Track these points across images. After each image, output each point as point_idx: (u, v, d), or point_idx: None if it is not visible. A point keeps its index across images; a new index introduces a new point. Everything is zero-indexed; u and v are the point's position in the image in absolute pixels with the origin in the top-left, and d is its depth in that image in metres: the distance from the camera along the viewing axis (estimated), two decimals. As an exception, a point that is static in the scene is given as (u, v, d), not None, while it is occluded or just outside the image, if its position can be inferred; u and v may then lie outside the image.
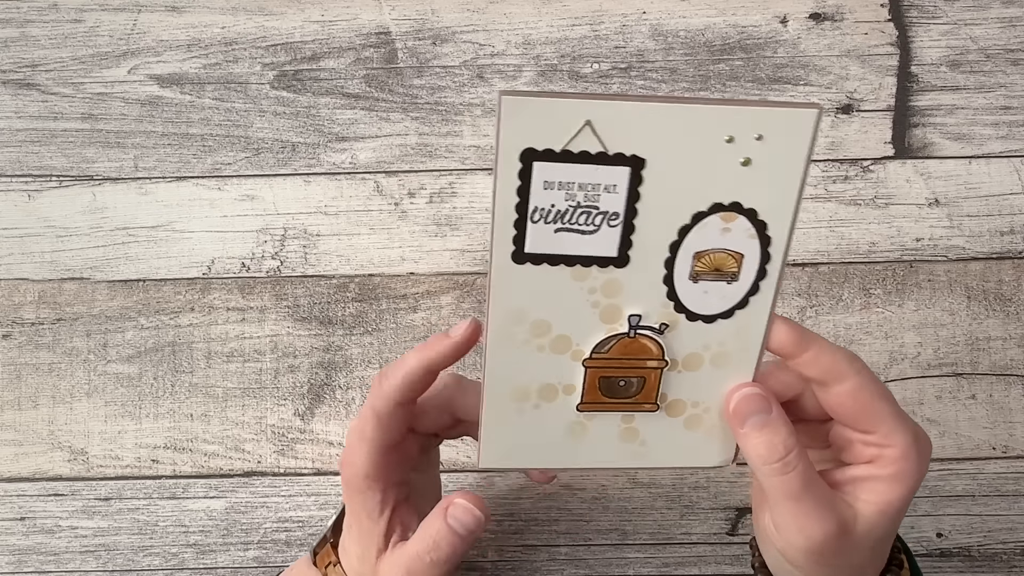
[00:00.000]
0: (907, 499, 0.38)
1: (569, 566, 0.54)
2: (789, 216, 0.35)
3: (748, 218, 0.35)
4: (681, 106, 0.33)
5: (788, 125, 0.34)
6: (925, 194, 0.56)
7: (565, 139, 0.33)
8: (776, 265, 0.36)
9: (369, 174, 0.57)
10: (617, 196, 0.34)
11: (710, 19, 0.57)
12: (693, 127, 0.33)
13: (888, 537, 0.40)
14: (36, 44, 0.58)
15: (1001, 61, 0.57)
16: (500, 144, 0.33)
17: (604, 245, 0.35)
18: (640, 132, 0.33)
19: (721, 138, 0.34)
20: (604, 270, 0.36)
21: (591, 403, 0.39)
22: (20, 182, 0.57)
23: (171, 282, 0.56)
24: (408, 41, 0.57)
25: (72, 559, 0.55)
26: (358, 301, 0.56)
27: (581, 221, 0.35)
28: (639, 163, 0.34)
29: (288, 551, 0.55)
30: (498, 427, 0.39)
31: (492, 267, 0.35)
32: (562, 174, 0.34)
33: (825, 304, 0.56)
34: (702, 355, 0.38)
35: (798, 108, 0.33)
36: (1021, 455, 0.55)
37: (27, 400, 0.56)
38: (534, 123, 0.33)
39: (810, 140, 0.34)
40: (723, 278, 0.37)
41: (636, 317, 0.37)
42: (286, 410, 0.55)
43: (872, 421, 0.38)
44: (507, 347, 0.37)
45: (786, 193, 0.35)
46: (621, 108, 0.33)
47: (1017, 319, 0.56)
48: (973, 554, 0.54)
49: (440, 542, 0.41)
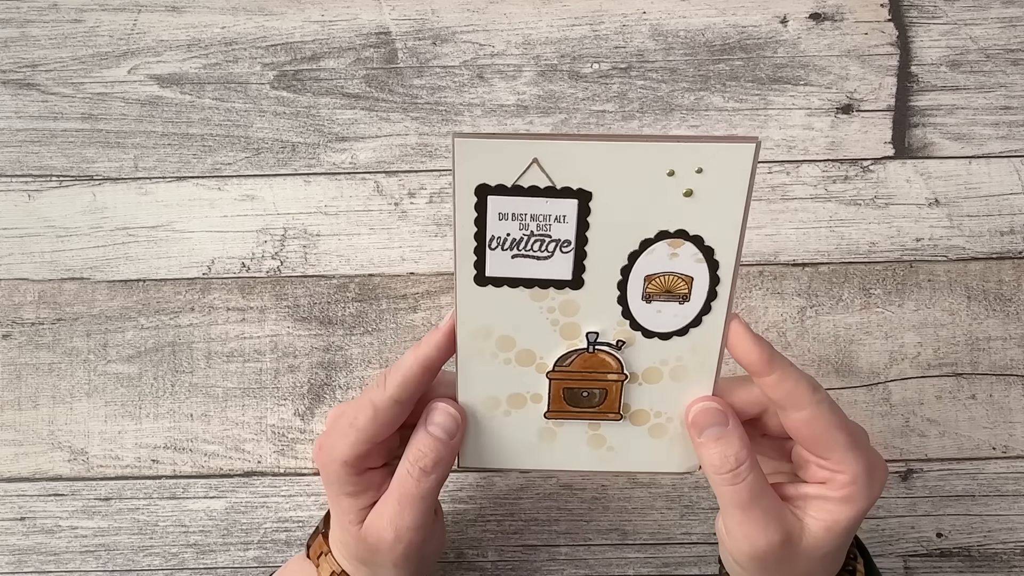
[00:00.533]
0: (855, 520, 0.40)
1: (569, 566, 0.54)
2: (734, 242, 0.37)
3: (695, 244, 0.37)
4: (622, 144, 0.35)
5: (726, 159, 0.36)
6: (925, 194, 0.56)
7: (515, 175, 0.36)
8: (726, 287, 0.38)
9: (369, 174, 0.57)
10: (567, 225, 0.37)
11: (710, 19, 0.57)
12: (634, 162, 0.36)
13: (837, 551, 0.42)
14: (36, 44, 0.58)
15: (1001, 61, 0.57)
16: (456, 180, 0.36)
17: (559, 269, 0.38)
18: (585, 168, 0.36)
19: (663, 172, 0.36)
20: (561, 291, 0.39)
21: (557, 411, 0.42)
22: (20, 182, 0.57)
23: (171, 282, 0.56)
24: (408, 41, 0.57)
25: (72, 559, 0.55)
26: (358, 301, 0.56)
27: (535, 248, 0.37)
28: (586, 195, 0.36)
29: (288, 551, 0.55)
30: (474, 430, 0.42)
31: (457, 289, 0.38)
32: (514, 206, 0.36)
33: (825, 304, 0.56)
34: (660, 369, 0.41)
35: (735, 143, 0.35)
36: (1021, 455, 0.55)
37: (27, 400, 0.56)
38: (486, 161, 0.36)
39: (749, 172, 0.36)
40: (675, 299, 0.39)
41: (594, 334, 0.40)
42: (286, 410, 0.55)
43: (825, 449, 0.40)
44: (476, 360, 0.40)
45: (729, 221, 0.37)
46: (565, 147, 0.35)
47: (1017, 319, 0.56)
48: (973, 554, 0.54)
49: (425, 450, 0.41)
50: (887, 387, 0.55)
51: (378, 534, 0.42)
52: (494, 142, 0.35)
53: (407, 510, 0.41)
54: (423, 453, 0.41)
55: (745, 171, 0.36)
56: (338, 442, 0.42)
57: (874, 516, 0.55)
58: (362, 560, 0.43)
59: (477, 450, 0.43)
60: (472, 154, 0.36)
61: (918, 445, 0.55)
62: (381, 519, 0.42)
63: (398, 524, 0.41)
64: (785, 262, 0.56)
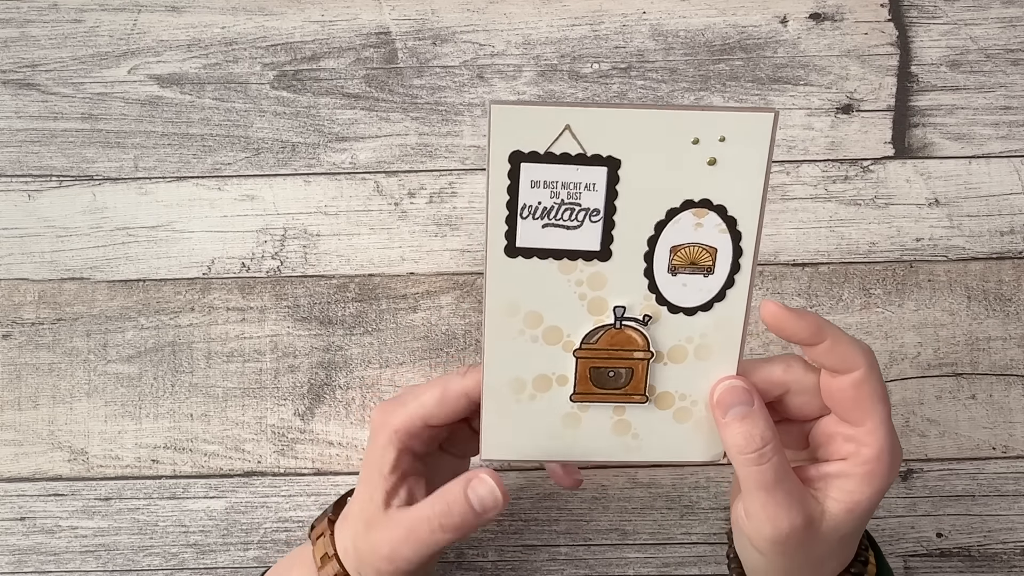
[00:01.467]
0: (874, 500, 0.40)
1: (569, 566, 0.54)
2: (756, 212, 0.38)
3: (718, 214, 0.38)
4: (649, 111, 0.37)
5: (748, 128, 0.37)
6: (925, 194, 0.56)
7: (548, 142, 0.37)
8: (748, 259, 0.39)
9: (369, 174, 0.57)
10: (597, 194, 0.38)
11: (710, 19, 0.57)
12: (662, 129, 0.37)
13: (853, 535, 0.42)
14: (36, 44, 0.58)
15: (1001, 61, 0.57)
16: (491, 148, 0.37)
17: (587, 239, 0.39)
18: (614, 135, 0.37)
19: (688, 139, 0.37)
20: (589, 263, 0.39)
21: (583, 393, 0.42)
22: (20, 182, 0.57)
23: (171, 282, 0.56)
24: (408, 41, 0.57)
25: (72, 559, 0.55)
26: (358, 301, 0.56)
27: (565, 217, 0.38)
28: (615, 163, 0.37)
29: (288, 551, 0.55)
30: (498, 418, 0.42)
31: (487, 261, 0.39)
32: (546, 174, 0.37)
33: (825, 304, 0.56)
34: (686, 347, 0.41)
35: (756, 112, 0.37)
36: (1021, 455, 0.55)
37: (27, 400, 0.56)
38: (520, 128, 0.37)
39: (769, 141, 0.37)
40: (699, 271, 0.40)
41: (621, 308, 0.40)
42: (286, 410, 0.55)
43: (863, 415, 0.39)
44: (503, 338, 0.40)
45: (751, 190, 0.38)
46: (596, 113, 0.37)
47: (1017, 319, 0.56)
48: (973, 554, 0.54)
49: (454, 510, 0.41)
50: (887, 387, 0.55)
51: (377, 545, 0.42)
52: (529, 108, 0.36)
53: (410, 546, 0.42)
54: (450, 512, 0.41)
55: (765, 141, 0.37)
56: (398, 409, 0.43)
57: (874, 516, 0.55)
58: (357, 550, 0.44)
59: (500, 441, 0.42)
60: (507, 120, 0.36)
61: (918, 445, 0.55)
62: (382, 534, 0.42)
63: (396, 550, 0.42)
64: (785, 262, 0.56)
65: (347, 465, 0.55)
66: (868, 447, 0.39)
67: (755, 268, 0.39)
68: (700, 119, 0.37)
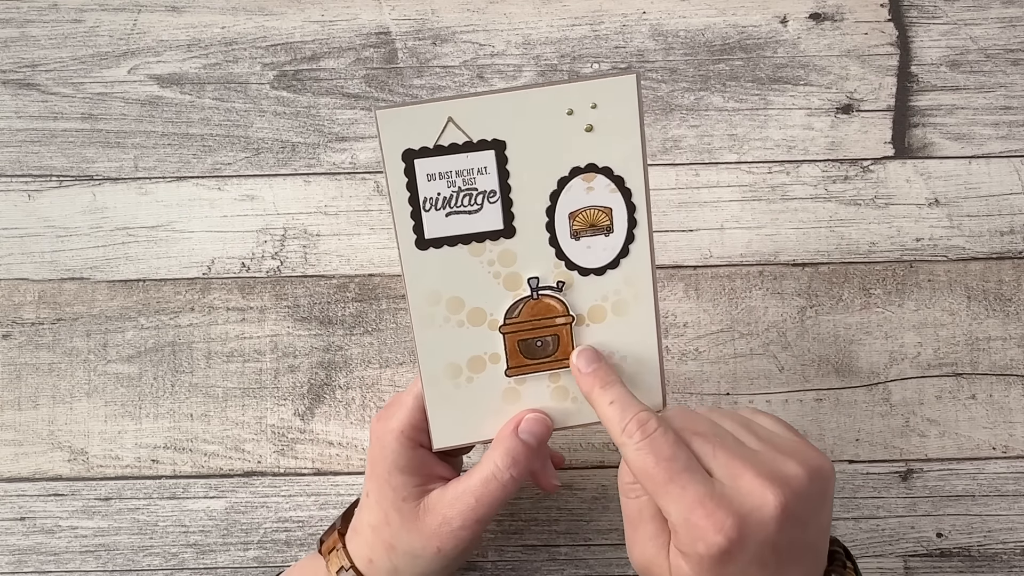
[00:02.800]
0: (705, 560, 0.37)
1: (569, 566, 0.54)
2: (640, 167, 0.41)
3: (605, 175, 0.41)
4: (522, 92, 0.40)
5: (615, 91, 0.40)
6: (925, 194, 0.56)
7: (435, 136, 0.40)
8: (643, 213, 0.42)
9: (369, 174, 0.57)
10: (490, 176, 0.41)
11: (710, 19, 0.57)
12: (537, 107, 0.40)
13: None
14: (36, 44, 0.58)
15: (1001, 61, 0.57)
16: (383, 150, 0.40)
17: (490, 220, 0.41)
18: (495, 119, 0.40)
19: (562, 112, 0.40)
20: (496, 243, 0.42)
21: (517, 367, 0.44)
22: (20, 182, 0.57)
23: (171, 282, 0.56)
24: (408, 41, 0.57)
25: (72, 559, 0.55)
26: (358, 301, 0.56)
27: (465, 203, 0.41)
28: (501, 145, 0.40)
29: (288, 551, 0.55)
30: (441, 407, 0.44)
31: (401, 257, 0.41)
32: (440, 166, 0.40)
33: (825, 304, 0.56)
34: (603, 306, 0.43)
35: (619, 76, 0.40)
36: (1021, 455, 0.55)
37: (27, 400, 0.56)
38: (407, 127, 0.40)
39: (636, 100, 0.40)
40: (600, 232, 0.42)
41: (535, 279, 0.43)
42: (286, 410, 0.55)
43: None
44: (431, 328, 0.42)
45: (631, 148, 0.41)
46: (474, 102, 0.40)
47: (1017, 319, 0.56)
48: (973, 554, 0.54)
49: (517, 457, 0.43)
50: (887, 387, 0.55)
51: (444, 520, 0.43)
52: (412, 108, 0.39)
53: (483, 508, 0.43)
54: (515, 460, 0.43)
55: (632, 100, 0.40)
56: (397, 411, 0.44)
57: (874, 516, 0.55)
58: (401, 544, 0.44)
59: (448, 428, 0.44)
60: (394, 122, 0.39)
61: (918, 445, 0.55)
62: (452, 508, 0.43)
63: (467, 517, 0.43)
64: (785, 262, 0.56)
65: (347, 465, 0.55)
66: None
67: (651, 220, 0.42)
68: (570, 91, 0.40)
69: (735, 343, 0.55)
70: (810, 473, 0.38)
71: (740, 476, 0.37)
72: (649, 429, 0.38)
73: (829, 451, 0.55)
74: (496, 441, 0.43)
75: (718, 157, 0.56)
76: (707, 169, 0.56)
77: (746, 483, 0.37)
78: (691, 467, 0.37)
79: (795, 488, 0.37)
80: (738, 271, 0.56)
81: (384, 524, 0.44)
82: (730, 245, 0.56)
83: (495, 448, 0.43)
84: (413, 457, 0.44)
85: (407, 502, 0.43)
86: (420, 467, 0.44)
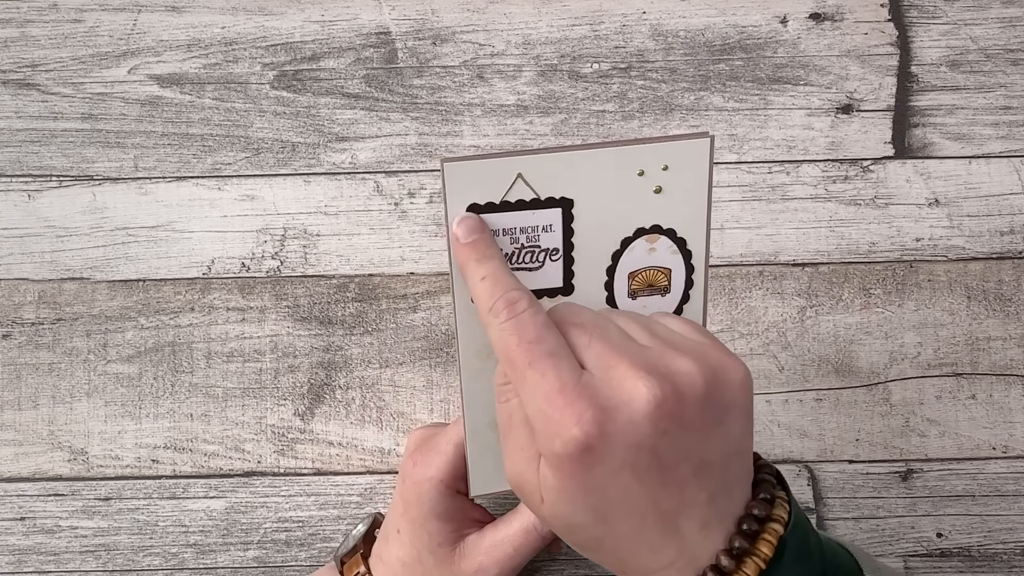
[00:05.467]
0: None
1: (569, 566, 0.54)
2: (703, 230, 0.40)
3: (668, 237, 0.40)
4: (595, 151, 0.38)
5: (687, 154, 0.39)
6: (925, 194, 0.56)
7: (502, 191, 0.38)
8: (700, 274, 0.41)
9: (369, 174, 0.57)
10: (554, 234, 0.39)
11: (710, 19, 0.57)
12: (607, 167, 0.39)
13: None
14: (36, 44, 0.58)
15: (1001, 61, 0.57)
16: (447, 204, 0.38)
17: (550, 278, 0.40)
18: (564, 177, 0.38)
19: (633, 172, 0.39)
20: (554, 299, 0.40)
21: None
22: (20, 182, 0.57)
23: (171, 282, 0.56)
24: (408, 41, 0.57)
25: (72, 559, 0.55)
26: (358, 301, 0.56)
27: (527, 260, 0.40)
28: (568, 203, 0.39)
29: (288, 551, 0.55)
30: (482, 457, 0.43)
31: (456, 311, 0.40)
32: (504, 221, 0.39)
33: (825, 304, 0.56)
34: None
35: (693, 139, 0.39)
36: (1021, 455, 0.55)
37: (27, 400, 0.56)
38: (474, 182, 0.38)
39: (707, 164, 0.39)
40: (657, 292, 0.41)
41: None
42: (286, 410, 0.55)
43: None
44: (478, 382, 0.41)
45: (696, 211, 0.40)
46: (545, 159, 0.38)
47: (1017, 319, 0.56)
48: (973, 554, 0.54)
49: None
50: (887, 387, 0.55)
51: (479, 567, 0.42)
52: (481, 163, 0.38)
53: (520, 558, 0.42)
54: None
55: (704, 163, 0.39)
56: (435, 459, 0.43)
57: (874, 516, 0.55)
58: None
59: (487, 477, 0.43)
60: (461, 176, 0.38)
61: (918, 445, 0.55)
62: (488, 556, 0.42)
63: (504, 566, 0.42)
64: (785, 262, 0.56)
65: (347, 465, 0.55)
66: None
67: (707, 280, 0.41)
68: (643, 152, 0.38)
69: (735, 343, 0.55)
70: (706, 372, 0.32)
71: (614, 367, 0.32)
72: (518, 309, 0.34)
73: (829, 451, 0.55)
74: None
75: (718, 157, 0.56)
76: (707, 169, 0.56)
77: (618, 374, 0.31)
78: (557, 353, 0.32)
79: (680, 386, 0.31)
80: (738, 271, 0.56)
81: (417, 563, 0.43)
82: (730, 245, 0.56)
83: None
84: (451, 505, 0.43)
85: (442, 547, 0.43)
86: (456, 513, 0.43)
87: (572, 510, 0.32)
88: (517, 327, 0.33)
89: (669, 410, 0.31)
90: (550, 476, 0.32)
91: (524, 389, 0.32)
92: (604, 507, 0.31)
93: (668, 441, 0.31)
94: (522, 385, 0.32)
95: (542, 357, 0.32)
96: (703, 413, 0.32)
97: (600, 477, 0.31)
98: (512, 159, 0.38)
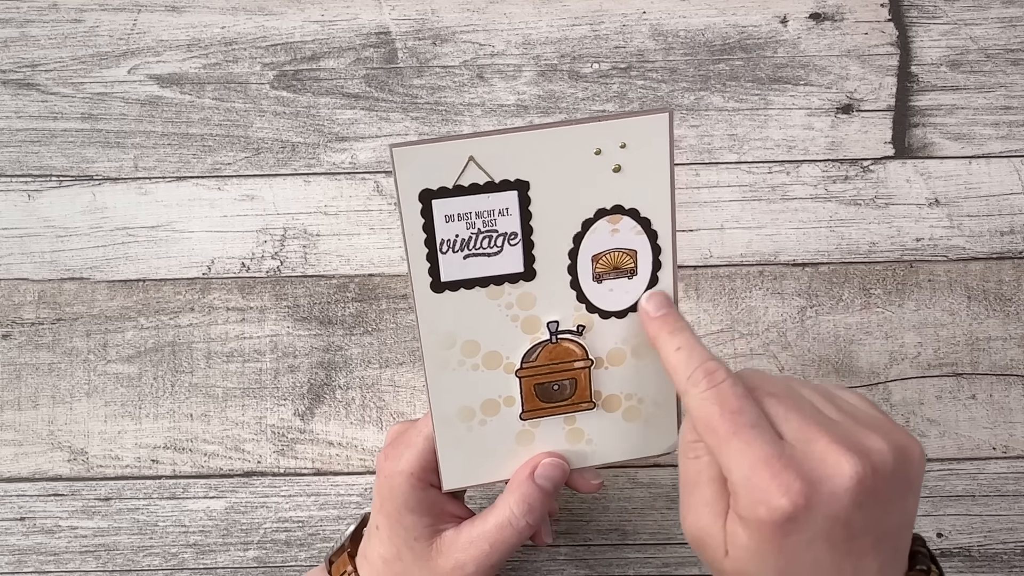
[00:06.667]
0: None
1: (569, 566, 0.54)
2: (668, 209, 0.39)
3: (632, 217, 0.39)
4: (549, 130, 0.37)
5: (645, 130, 0.38)
6: (925, 194, 0.56)
7: (455, 176, 0.37)
8: (668, 255, 0.40)
9: (369, 174, 0.57)
10: (511, 218, 0.38)
11: (710, 19, 0.57)
12: (563, 146, 0.37)
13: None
14: (36, 44, 0.58)
15: (1001, 61, 0.57)
16: (399, 190, 0.37)
17: (510, 263, 0.39)
18: (518, 159, 0.37)
19: (590, 152, 0.38)
20: (515, 285, 0.40)
21: (532, 411, 0.42)
22: (20, 182, 0.57)
23: (171, 282, 0.56)
24: (408, 41, 0.57)
25: (72, 559, 0.55)
26: (358, 301, 0.56)
27: (484, 245, 0.39)
28: (524, 185, 0.38)
29: (288, 551, 0.55)
30: (453, 449, 0.42)
31: (416, 300, 0.39)
32: (459, 207, 0.38)
33: (825, 304, 0.56)
34: (623, 349, 0.42)
35: (651, 114, 0.38)
36: (1021, 455, 0.55)
37: (27, 400, 0.56)
38: (425, 167, 0.37)
39: (667, 140, 0.38)
40: (623, 274, 0.40)
41: (554, 323, 0.41)
42: (286, 410, 0.55)
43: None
44: (444, 371, 0.41)
45: (659, 189, 0.39)
46: (497, 141, 0.37)
47: (1017, 319, 0.56)
48: (973, 554, 0.54)
49: (534, 503, 0.42)
50: (887, 387, 0.55)
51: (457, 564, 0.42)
52: (431, 147, 0.37)
53: (497, 554, 0.42)
54: (531, 507, 0.42)
55: (663, 140, 0.38)
56: (405, 452, 0.43)
57: (874, 516, 0.55)
58: None
59: (459, 470, 0.43)
60: (411, 161, 0.37)
61: (918, 445, 0.55)
62: (465, 552, 0.42)
63: (481, 563, 0.42)
64: (785, 262, 0.56)
65: (347, 465, 0.55)
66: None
67: (676, 262, 0.40)
68: (598, 130, 0.37)
69: (735, 343, 0.55)
70: (895, 451, 0.34)
71: (814, 441, 0.33)
72: (717, 379, 0.35)
73: (829, 451, 0.55)
74: (512, 486, 0.42)
75: (718, 157, 0.56)
76: (707, 169, 0.56)
77: (820, 448, 0.33)
78: (759, 424, 0.34)
79: (876, 463, 0.33)
80: (738, 271, 0.56)
81: (396, 559, 0.43)
82: (730, 245, 0.56)
83: (511, 493, 0.42)
84: (424, 498, 0.43)
85: (419, 541, 0.43)
86: (431, 507, 0.43)
87: (759, 570, 0.34)
88: (718, 397, 0.35)
89: (868, 486, 0.33)
90: (743, 536, 0.34)
91: (727, 455, 0.34)
92: (791, 570, 0.34)
93: (861, 514, 0.33)
94: (725, 452, 0.34)
95: (745, 427, 0.34)
96: (890, 489, 0.34)
97: (796, 544, 0.33)
98: (462, 142, 0.37)
